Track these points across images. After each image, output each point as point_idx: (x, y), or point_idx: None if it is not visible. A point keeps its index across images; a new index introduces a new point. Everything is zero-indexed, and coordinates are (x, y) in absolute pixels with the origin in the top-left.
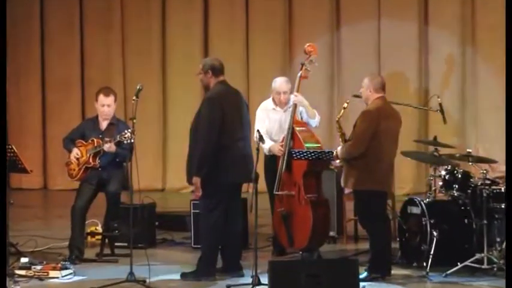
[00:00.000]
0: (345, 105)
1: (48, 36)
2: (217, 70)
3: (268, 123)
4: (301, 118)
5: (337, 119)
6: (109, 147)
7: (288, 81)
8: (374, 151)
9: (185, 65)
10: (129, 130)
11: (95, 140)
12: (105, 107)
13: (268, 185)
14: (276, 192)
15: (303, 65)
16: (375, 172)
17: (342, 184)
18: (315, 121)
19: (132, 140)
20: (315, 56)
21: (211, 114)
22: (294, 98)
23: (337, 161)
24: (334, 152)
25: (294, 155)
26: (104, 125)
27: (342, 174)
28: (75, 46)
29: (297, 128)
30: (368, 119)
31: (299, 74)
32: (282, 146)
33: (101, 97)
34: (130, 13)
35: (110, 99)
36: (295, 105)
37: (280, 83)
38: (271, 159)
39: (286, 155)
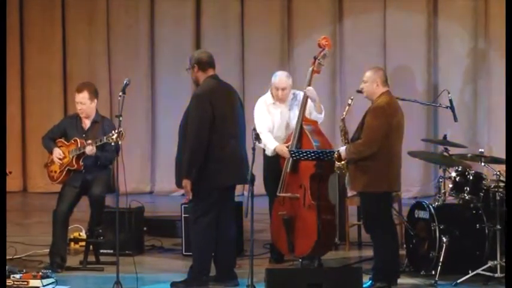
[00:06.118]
0: (350, 101)
1: (27, 27)
2: (204, 64)
3: (269, 118)
4: (310, 114)
5: (342, 117)
6: (91, 150)
7: (289, 76)
8: (386, 150)
9: (175, 59)
10: (116, 131)
11: (78, 140)
12: (79, 104)
13: (268, 187)
14: (279, 194)
15: (315, 59)
16: (387, 173)
17: (349, 187)
18: (321, 116)
19: (120, 142)
20: (328, 50)
21: (200, 112)
22: (306, 91)
23: (342, 162)
24: (336, 153)
25: (293, 155)
26: (86, 123)
27: (345, 176)
28: (56, 37)
29: (306, 127)
30: (380, 115)
31: (311, 69)
32: (288, 146)
33: (75, 94)
34: (116, 3)
35: (82, 96)
36: (306, 99)
37: (280, 77)
38: (273, 160)
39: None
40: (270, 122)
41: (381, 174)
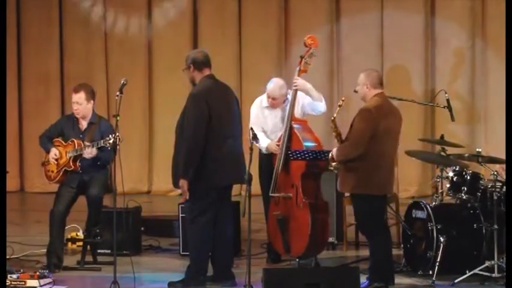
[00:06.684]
0: (340, 102)
1: (24, 27)
2: (200, 64)
3: (263, 121)
4: (303, 112)
5: (332, 118)
6: (89, 152)
7: (284, 86)
8: (374, 152)
9: (172, 58)
10: (113, 135)
11: (75, 141)
12: (75, 104)
13: (263, 186)
14: (272, 194)
15: (302, 58)
16: (375, 175)
17: (338, 188)
18: (322, 104)
19: (118, 146)
20: (315, 49)
21: (196, 111)
22: (294, 82)
23: (334, 163)
24: (330, 154)
25: (291, 155)
26: (83, 124)
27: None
28: (53, 38)
29: (295, 126)
30: (366, 118)
31: (298, 68)
32: (279, 144)
33: (72, 94)
34: (113, 3)
35: (79, 96)
36: (295, 93)
37: (273, 87)
38: (267, 158)
39: (282, 154)
40: (264, 124)
41: (369, 176)
